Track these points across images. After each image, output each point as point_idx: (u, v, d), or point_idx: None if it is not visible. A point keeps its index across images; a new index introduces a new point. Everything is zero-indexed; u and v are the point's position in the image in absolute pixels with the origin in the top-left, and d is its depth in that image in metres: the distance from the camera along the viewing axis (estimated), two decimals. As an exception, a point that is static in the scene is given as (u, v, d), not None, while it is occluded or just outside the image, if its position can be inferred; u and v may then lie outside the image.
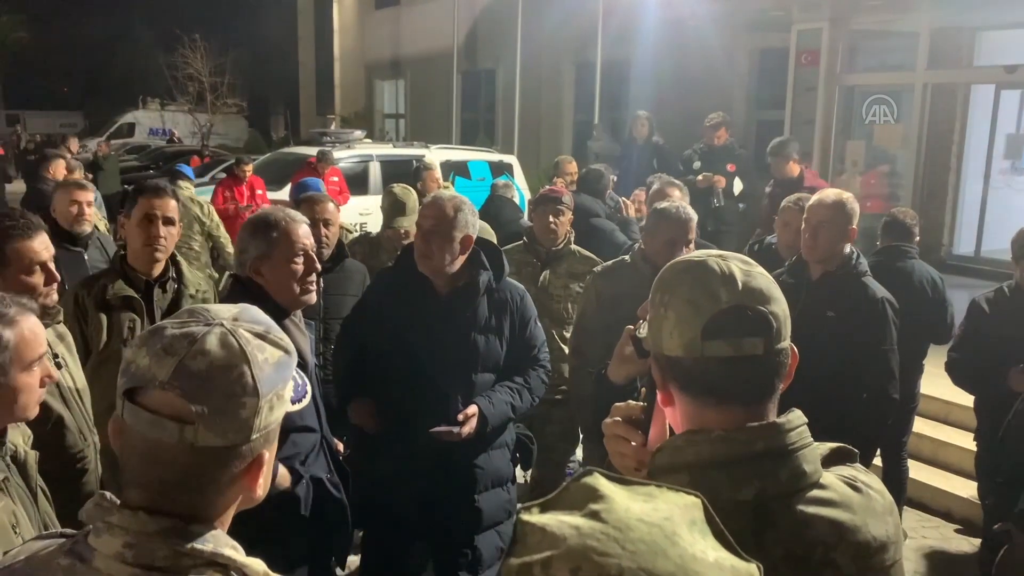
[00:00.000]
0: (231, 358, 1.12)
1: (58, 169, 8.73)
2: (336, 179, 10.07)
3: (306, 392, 1.17)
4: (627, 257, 3.81)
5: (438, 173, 8.51)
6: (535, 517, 0.88)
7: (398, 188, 5.19)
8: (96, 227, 4.87)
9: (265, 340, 1.18)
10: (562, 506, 0.90)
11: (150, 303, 3.29)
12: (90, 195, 4.61)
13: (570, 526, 0.85)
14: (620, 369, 1.99)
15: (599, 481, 0.92)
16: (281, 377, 1.18)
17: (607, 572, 0.81)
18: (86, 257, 4.45)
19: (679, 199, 4.32)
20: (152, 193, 3.37)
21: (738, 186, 8.20)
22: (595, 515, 0.87)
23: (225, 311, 1.20)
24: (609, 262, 4.00)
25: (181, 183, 8.21)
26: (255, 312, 1.23)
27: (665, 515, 0.88)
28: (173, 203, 3.40)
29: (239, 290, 2.56)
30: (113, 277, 3.30)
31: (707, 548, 0.87)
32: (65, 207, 4.50)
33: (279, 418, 1.19)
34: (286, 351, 1.21)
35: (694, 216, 3.54)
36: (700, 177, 8.05)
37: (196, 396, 1.10)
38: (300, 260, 2.58)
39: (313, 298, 2.65)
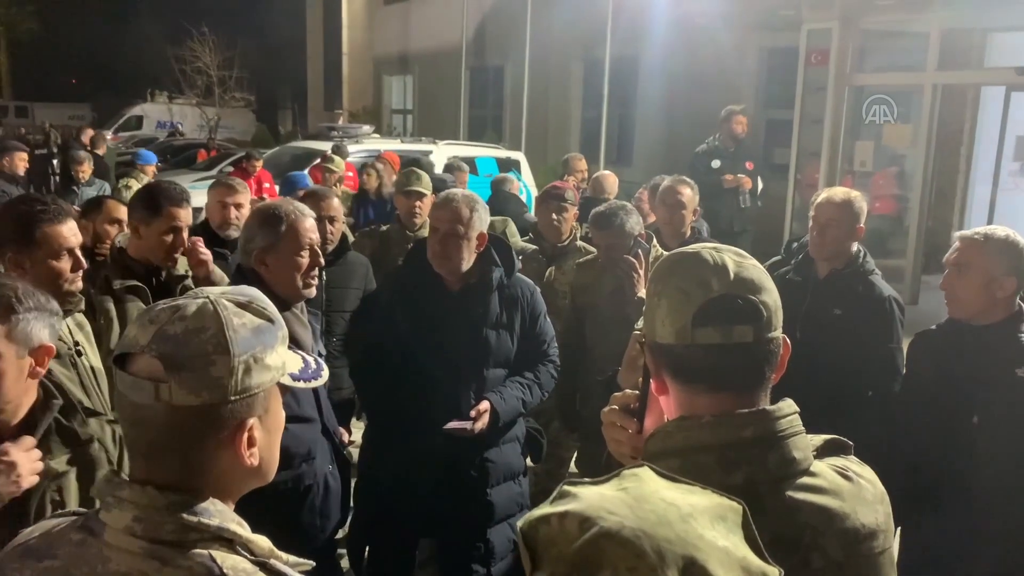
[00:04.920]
0: (205, 321, 1.17)
1: (16, 163, 8.78)
2: (351, 174, 10.09)
3: (319, 375, 1.15)
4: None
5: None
6: (576, 488, 0.95)
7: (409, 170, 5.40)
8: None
9: (246, 308, 1.22)
10: (605, 483, 0.97)
11: (151, 288, 3.28)
12: (241, 197, 4.18)
13: (598, 494, 0.93)
14: (630, 375, 1.99)
15: (645, 471, 0.98)
16: (260, 341, 1.20)
17: (608, 527, 0.86)
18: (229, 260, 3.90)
19: (689, 198, 4.32)
20: (177, 203, 3.25)
21: (759, 184, 8.21)
22: (623, 489, 0.94)
23: (215, 289, 1.25)
24: (588, 256, 4.20)
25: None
26: (244, 288, 1.29)
27: (692, 503, 0.92)
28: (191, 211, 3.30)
29: (241, 279, 2.59)
30: (113, 269, 3.28)
31: (719, 537, 0.90)
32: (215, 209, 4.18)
33: (263, 384, 1.21)
34: (269, 319, 1.24)
35: (635, 224, 3.73)
36: (729, 177, 8.05)
37: (169, 356, 1.15)
38: (305, 254, 2.62)
39: (313, 292, 2.68)
